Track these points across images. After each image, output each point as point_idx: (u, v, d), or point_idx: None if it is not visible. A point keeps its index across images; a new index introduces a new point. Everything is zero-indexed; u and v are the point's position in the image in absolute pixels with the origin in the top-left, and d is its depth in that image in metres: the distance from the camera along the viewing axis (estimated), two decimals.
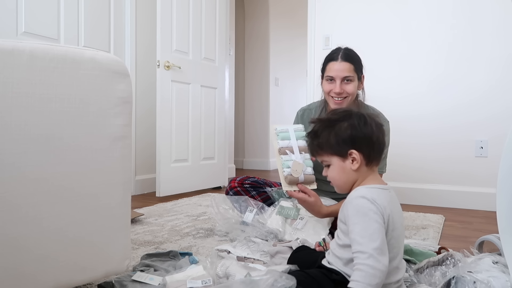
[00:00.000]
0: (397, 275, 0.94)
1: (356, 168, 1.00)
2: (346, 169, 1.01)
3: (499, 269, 1.08)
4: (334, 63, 1.59)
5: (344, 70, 1.56)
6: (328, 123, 1.04)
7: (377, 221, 0.89)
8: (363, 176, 1.02)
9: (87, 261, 1.05)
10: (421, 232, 1.88)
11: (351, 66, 1.57)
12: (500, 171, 1.08)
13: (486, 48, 2.53)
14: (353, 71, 1.58)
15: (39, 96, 0.93)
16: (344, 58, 1.58)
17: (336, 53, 1.61)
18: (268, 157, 5.12)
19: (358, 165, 0.99)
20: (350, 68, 1.57)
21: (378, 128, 1.02)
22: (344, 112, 1.05)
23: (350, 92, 1.59)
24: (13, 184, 0.89)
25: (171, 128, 2.94)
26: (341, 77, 1.57)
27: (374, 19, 2.84)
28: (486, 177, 2.53)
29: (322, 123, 1.05)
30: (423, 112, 2.70)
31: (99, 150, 1.06)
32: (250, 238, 1.47)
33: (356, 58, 1.63)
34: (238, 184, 1.87)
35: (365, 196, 0.93)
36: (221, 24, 3.46)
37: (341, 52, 1.61)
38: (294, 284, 0.85)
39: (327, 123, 1.04)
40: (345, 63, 1.57)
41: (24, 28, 2.31)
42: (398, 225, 0.96)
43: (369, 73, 2.82)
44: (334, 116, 1.04)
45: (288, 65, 5.42)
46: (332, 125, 1.02)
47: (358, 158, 0.99)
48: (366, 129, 1.00)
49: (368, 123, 1.01)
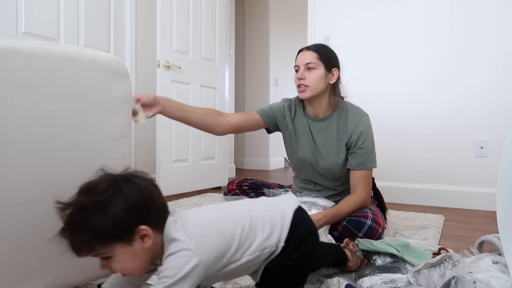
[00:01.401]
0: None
1: (150, 244, 0.80)
2: (138, 251, 0.80)
3: (499, 269, 1.08)
4: (300, 53, 1.64)
5: (306, 58, 1.60)
6: (94, 205, 0.77)
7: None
8: (158, 243, 0.82)
9: (87, 261, 1.05)
10: (421, 232, 1.88)
11: (315, 54, 1.59)
12: (500, 171, 1.08)
13: (485, 47, 2.53)
14: (316, 59, 1.59)
15: (38, 96, 0.93)
16: (311, 48, 1.62)
17: (306, 46, 1.67)
18: (268, 157, 5.12)
19: (151, 240, 0.80)
20: (313, 56, 1.59)
21: (151, 184, 0.85)
22: (106, 185, 0.79)
23: (311, 79, 1.58)
24: (13, 184, 0.89)
25: (171, 128, 2.94)
26: (303, 64, 1.60)
27: (374, 20, 2.84)
28: (486, 177, 2.53)
29: (85, 209, 0.77)
30: (423, 112, 2.70)
31: (99, 150, 1.06)
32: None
33: (324, 50, 1.63)
34: (237, 186, 1.88)
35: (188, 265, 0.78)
36: (221, 24, 3.46)
37: (311, 45, 1.66)
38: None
39: (92, 206, 0.77)
40: (309, 52, 1.61)
41: (24, 28, 2.31)
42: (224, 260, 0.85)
43: (368, 73, 2.84)
44: (97, 194, 0.78)
45: (288, 65, 5.41)
46: (100, 206, 0.77)
47: (150, 232, 0.80)
48: (144, 193, 0.81)
49: (141, 185, 0.81)
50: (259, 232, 0.89)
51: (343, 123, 1.65)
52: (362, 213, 1.56)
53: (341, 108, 1.67)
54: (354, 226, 1.52)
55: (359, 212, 1.57)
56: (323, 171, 1.69)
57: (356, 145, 1.62)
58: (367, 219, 1.52)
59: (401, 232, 1.88)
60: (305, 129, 1.71)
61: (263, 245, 0.89)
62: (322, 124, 1.68)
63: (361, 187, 1.62)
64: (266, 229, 0.90)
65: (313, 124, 1.69)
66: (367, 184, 1.63)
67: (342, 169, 1.67)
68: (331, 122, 1.67)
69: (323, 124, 1.68)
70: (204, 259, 0.81)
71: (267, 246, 0.89)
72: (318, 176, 1.73)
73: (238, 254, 0.87)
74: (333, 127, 1.66)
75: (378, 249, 1.33)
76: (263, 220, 0.91)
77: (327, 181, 1.73)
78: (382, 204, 1.82)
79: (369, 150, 1.63)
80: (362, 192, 1.62)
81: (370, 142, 1.64)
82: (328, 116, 1.68)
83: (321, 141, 1.68)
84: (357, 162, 1.62)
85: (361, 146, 1.62)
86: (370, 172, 1.65)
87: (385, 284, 1.10)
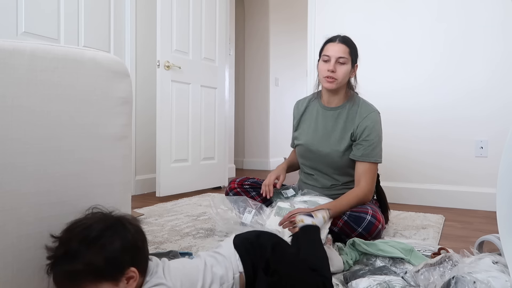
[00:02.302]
0: None
1: (133, 286, 0.82)
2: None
3: (499, 269, 1.08)
4: (332, 44, 1.70)
5: (340, 51, 1.67)
6: (92, 240, 0.79)
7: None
8: (138, 287, 0.84)
9: None
10: (421, 232, 1.89)
11: (347, 49, 1.68)
12: (500, 171, 1.08)
13: (485, 47, 2.53)
14: (348, 54, 1.68)
15: (39, 97, 0.93)
16: (342, 41, 1.70)
17: (335, 36, 1.73)
18: (268, 157, 5.12)
19: (136, 282, 0.83)
20: (345, 50, 1.68)
21: (140, 229, 0.90)
22: (104, 225, 0.83)
23: (341, 73, 1.67)
24: (13, 184, 0.89)
25: (171, 128, 2.94)
26: (336, 56, 1.67)
27: (373, 18, 2.84)
28: (486, 177, 2.53)
29: (83, 241, 0.79)
30: (423, 112, 2.70)
31: (99, 150, 1.06)
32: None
33: (353, 44, 1.73)
34: (238, 185, 1.89)
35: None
36: (221, 24, 3.46)
37: (339, 36, 1.73)
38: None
39: (90, 240, 0.79)
40: (342, 45, 1.68)
41: (24, 28, 2.31)
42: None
43: (368, 73, 2.83)
44: (96, 230, 0.81)
45: (288, 65, 5.42)
46: (98, 243, 0.79)
47: (137, 275, 0.83)
48: (136, 236, 0.86)
49: (134, 229, 0.87)
50: (216, 271, 0.96)
51: (353, 115, 1.73)
52: (362, 209, 1.59)
53: (353, 101, 1.77)
54: (354, 221, 1.55)
55: (359, 208, 1.60)
56: (323, 158, 1.76)
57: (361, 137, 1.68)
58: (367, 215, 1.55)
59: (401, 232, 1.88)
60: (313, 116, 1.83)
61: (221, 281, 0.95)
62: (333, 113, 1.77)
63: (364, 180, 1.66)
64: (220, 269, 0.97)
65: (324, 112, 1.79)
66: (370, 178, 1.67)
67: (341, 157, 1.73)
68: (341, 112, 1.76)
69: (334, 113, 1.77)
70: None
71: (224, 281, 0.95)
72: (320, 164, 1.79)
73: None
74: (343, 117, 1.75)
75: (386, 253, 1.32)
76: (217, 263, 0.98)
77: (329, 168, 1.78)
78: (385, 204, 1.84)
79: (374, 144, 1.68)
80: (364, 185, 1.65)
81: (376, 136, 1.69)
82: (340, 106, 1.77)
83: (327, 128, 1.77)
84: (361, 153, 1.68)
85: (366, 139, 1.67)
86: (374, 166, 1.69)
87: (380, 285, 1.09)
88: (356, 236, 1.53)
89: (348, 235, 1.55)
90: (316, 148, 1.77)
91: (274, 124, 5.16)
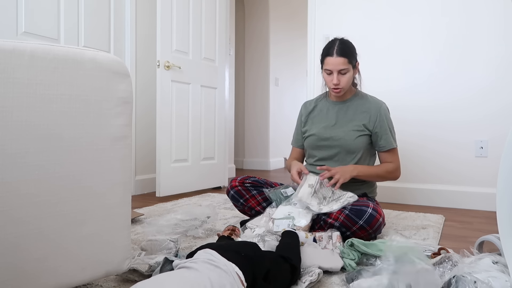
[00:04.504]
0: None
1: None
2: None
3: (499, 269, 1.08)
4: (330, 58, 1.79)
5: (339, 64, 1.77)
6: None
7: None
8: None
9: (87, 261, 1.05)
10: (421, 232, 1.89)
11: (345, 60, 1.78)
12: (500, 171, 1.08)
13: (487, 47, 2.53)
14: (347, 64, 1.78)
15: (39, 97, 0.93)
16: (339, 53, 1.78)
17: (332, 47, 1.80)
18: (268, 157, 5.12)
19: None
20: (344, 62, 1.77)
21: None
22: None
23: (345, 82, 1.81)
24: (13, 184, 0.89)
25: (171, 128, 2.94)
26: (337, 70, 1.78)
27: (374, 16, 2.84)
28: (486, 177, 2.53)
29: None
30: (423, 111, 2.70)
31: (99, 150, 1.06)
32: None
33: (349, 50, 1.81)
34: (239, 183, 1.90)
35: None
36: (221, 24, 3.46)
37: (336, 47, 1.79)
38: None
39: None
40: (339, 58, 1.77)
41: (24, 28, 2.31)
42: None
43: (368, 73, 2.83)
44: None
45: (288, 65, 5.42)
46: None
47: None
48: None
49: None
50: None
51: (362, 106, 1.88)
52: (363, 203, 1.62)
53: (360, 95, 1.93)
54: (355, 214, 1.57)
55: (361, 202, 1.65)
56: (337, 142, 1.86)
57: (381, 129, 1.84)
58: (368, 208, 1.58)
59: (401, 232, 1.88)
60: (323, 111, 1.96)
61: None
62: (342, 106, 1.92)
63: (393, 161, 1.87)
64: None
65: (333, 106, 1.94)
66: (397, 160, 1.89)
67: (354, 140, 1.84)
68: (350, 104, 1.91)
69: (343, 106, 1.92)
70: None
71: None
72: (332, 150, 1.87)
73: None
74: (352, 108, 1.89)
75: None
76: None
77: (341, 155, 1.87)
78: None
79: (391, 131, 1.88)
80: (394, 164, 1.86)
81: (391, 124, 1.89)
82: (347, 100, 1.92)
83: (339, 117, 1.90)
84: (384, 144, 1.86)
85: (385, 130, 1.85)
86: (396, 150, 1.89)
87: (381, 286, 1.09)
88: (357, 229, 1.55)
89: (349, 229, 1.56)
90: (329, 135, 1.87)
91: (274, 124, 5.16)
